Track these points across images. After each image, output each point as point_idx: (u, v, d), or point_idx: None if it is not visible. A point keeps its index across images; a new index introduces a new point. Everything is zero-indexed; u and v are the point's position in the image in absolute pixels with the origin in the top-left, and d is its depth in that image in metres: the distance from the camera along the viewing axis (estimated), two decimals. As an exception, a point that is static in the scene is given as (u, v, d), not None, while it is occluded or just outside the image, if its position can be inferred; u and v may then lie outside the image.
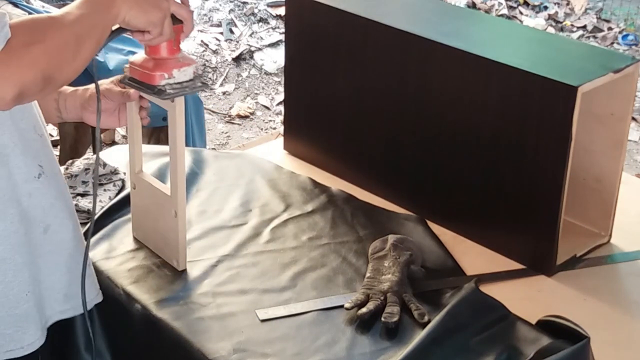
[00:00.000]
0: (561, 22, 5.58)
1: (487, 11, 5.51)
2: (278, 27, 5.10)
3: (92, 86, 1.47)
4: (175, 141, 1.43)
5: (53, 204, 1.29)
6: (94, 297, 1.40)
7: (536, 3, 5.70)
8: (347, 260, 1.57)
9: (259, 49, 4.95)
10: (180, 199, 1.46)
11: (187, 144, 2.55)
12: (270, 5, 5.29)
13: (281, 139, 2.03)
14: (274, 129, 4.20)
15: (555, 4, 5.73)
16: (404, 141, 1.75)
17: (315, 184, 1.83)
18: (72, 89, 1.48)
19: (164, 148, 1.97)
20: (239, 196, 1.78)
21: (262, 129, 4.24)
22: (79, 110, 1.47)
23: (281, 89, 4.52)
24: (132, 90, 1.42)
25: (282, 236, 1.64)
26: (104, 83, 1.46)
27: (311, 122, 1.93)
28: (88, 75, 1.28)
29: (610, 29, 5.47)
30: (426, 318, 1.38)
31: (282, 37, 3.93)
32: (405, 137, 1.74)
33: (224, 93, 4.57)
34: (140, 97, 1.45)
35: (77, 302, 1.34)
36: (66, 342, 1.47)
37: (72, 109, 1.47)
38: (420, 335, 1.33)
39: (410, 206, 1.75)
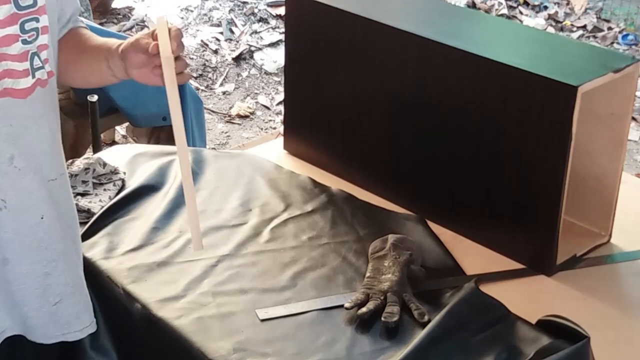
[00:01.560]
0: (561, 22, 5.58)
1: (487, 11, 5.51)
2: (278, 27, 5.09)
3: (130, 39, 1.30)
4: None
5: (12, 238, 1.27)
6: (85, 327, 1.39)
7: (536, 3, 5.69)
8: (347, 259, 1.57)
9: (259, 49, 4.93)
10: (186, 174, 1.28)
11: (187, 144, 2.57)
12: (270, 5, 5.28)
13: (281, 139, 2.02)
14: (274, 128, 4.18)
15: (555, 3, 5.72)
16: (403, 141, 1.74)
17: (315, 183, 1.82)
18: (118, 43, 1.32)
19: (164, 148, 1.97)
20: (239, 196, 1.77)
21: (262, 129, 4.22)
22: (122, 64, 1.30)
23: (281, 88, 4.48)
24: (152, 44, 1.23)
25: (282, 236, 1.63)
26: (139, 35, 1.29)
27: (311, 121, 1.93)
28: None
29: (610, 28, 5.47)
30: (426, 318, 1.38)
31: (282, 36, 3.91)
32: (405, 137, 1.74)
33: (224, 93, 4.54)
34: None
35: (43, 332, 1.34)
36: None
37: (119, 65, 1.31)
38: (420, 335, 1.32)
39: (410, 206, 1.74)
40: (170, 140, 2.50)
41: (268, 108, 4.44)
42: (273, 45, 4.97)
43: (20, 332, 1.33)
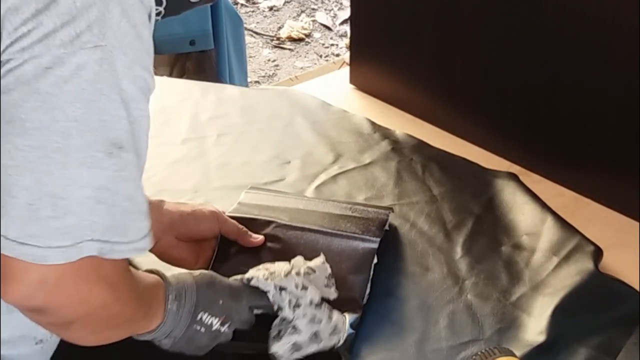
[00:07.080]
0: None
1: None
2: None
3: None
4: None
5: None
6: None
7: None
8: (417, 227, 1.51)
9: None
10: None
11: (222, 76, 2.60)
12: None
13: (347, 70, 2.03)
14: (337, 55, 4.23)
15: None
16: (510, 69, 1.71)
17: (375, 126, 1.78)
18: None
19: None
20: (273, 144, 1.75)
21: (321, 56, 4.26)
22: None
23: (346, 2, 4.50)
24: (258, 238, 1.36)
25: (330, 196, 1.59)
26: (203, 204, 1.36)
27: (387, 45, 1.91)
28: None
29: None
30: None
31: None
32: (513, 64, 1.70)
33: (270, 8, 4.60)
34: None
35: None
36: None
37: None
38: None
39: (510, 155, 1.72)
40: (200, 71, 2.64)
41: (329, 28, 4.48)
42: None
43: None
